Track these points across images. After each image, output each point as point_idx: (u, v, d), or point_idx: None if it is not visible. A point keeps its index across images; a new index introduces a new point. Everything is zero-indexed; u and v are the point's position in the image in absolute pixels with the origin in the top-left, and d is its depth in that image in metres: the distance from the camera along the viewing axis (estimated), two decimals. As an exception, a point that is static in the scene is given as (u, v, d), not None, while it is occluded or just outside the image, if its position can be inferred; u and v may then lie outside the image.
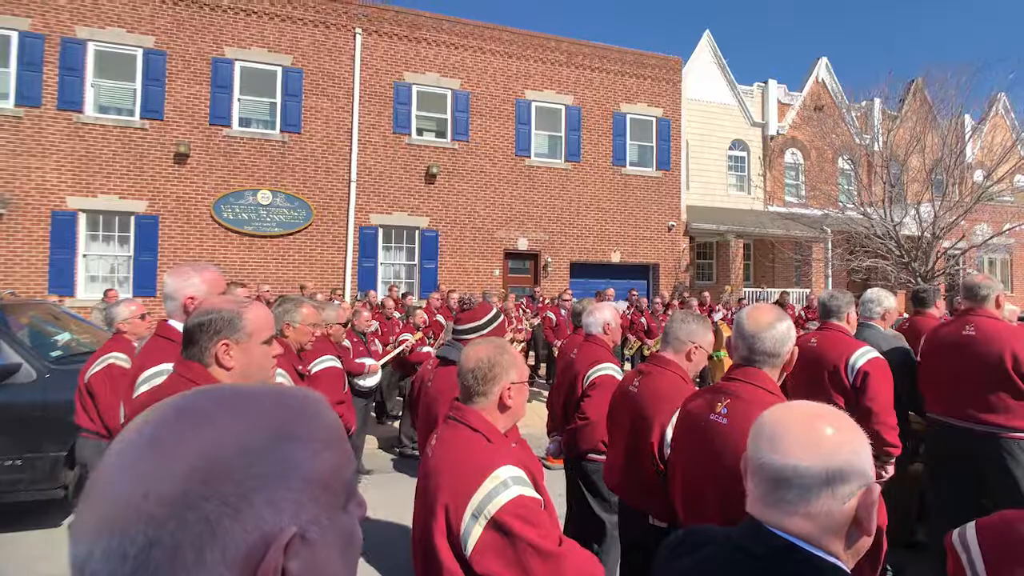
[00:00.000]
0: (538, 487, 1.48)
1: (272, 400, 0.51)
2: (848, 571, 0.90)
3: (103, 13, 10.82)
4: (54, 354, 4.65)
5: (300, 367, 3.15)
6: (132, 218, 10.91)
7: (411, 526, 1.63)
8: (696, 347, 2.39)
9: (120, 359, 3.45)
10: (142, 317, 3.73)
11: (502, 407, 1.58)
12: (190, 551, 0.42)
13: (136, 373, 1.92)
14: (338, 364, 3.99)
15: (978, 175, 14.28)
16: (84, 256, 10.75)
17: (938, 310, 4.13)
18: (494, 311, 2.74)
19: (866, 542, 0.92)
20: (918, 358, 3.46)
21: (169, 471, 0.43)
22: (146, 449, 0.45)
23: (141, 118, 11.00)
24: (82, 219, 10.68)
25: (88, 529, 0.43)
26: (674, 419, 2.06)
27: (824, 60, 17.68)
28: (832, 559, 0.89)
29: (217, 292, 2.13)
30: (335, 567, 0.49)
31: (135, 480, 0.43)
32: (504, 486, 1.37)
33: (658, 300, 10.25)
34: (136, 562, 0.41)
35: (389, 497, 4.66)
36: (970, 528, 1.16)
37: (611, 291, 9.42)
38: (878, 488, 0.91)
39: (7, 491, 4.12)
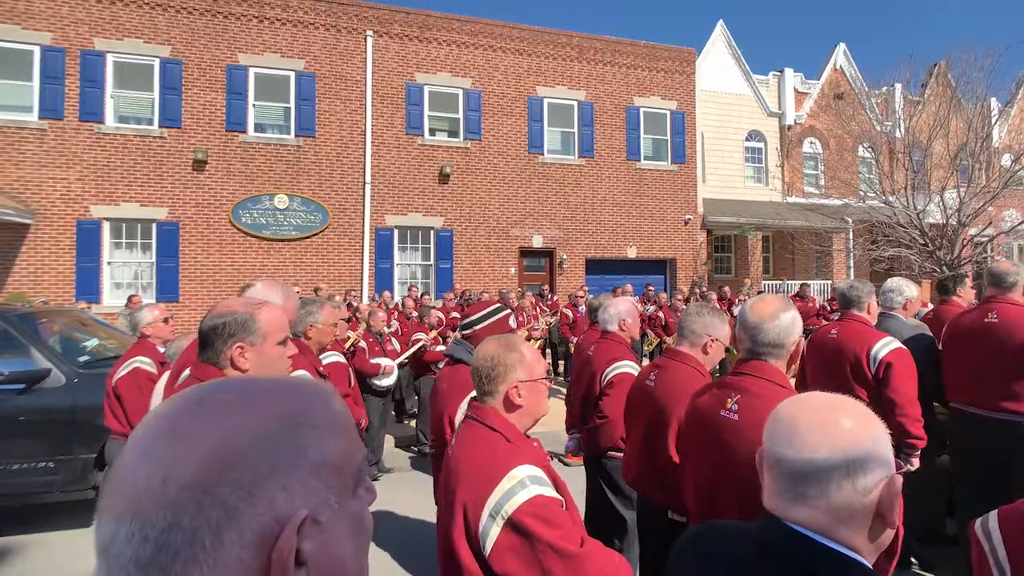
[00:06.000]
0: (557, 487, 1.45)
1: (283, 390, 0.54)
2: (870, 566, 0.88)
3: (120, 25, 11.04)
4: (82, 359, 4.77)
5: (320, 367, 3.20)
6: (154, 225, 11.14)
7: (431, 523, 1.64)
8: (712, 340, 2.36)
9: (145, 363, 3.52)
10: (165, 321, 3.81)
11: (510, 406, 1.56)
12: (208, 533, 0.44)
13: (178, 371, 2.00)
14: (342, 359, 4.09)
15: (1006, 159, 13.86)
16: (109, 263, 11.00)
17: (963, 298, 4.02)
18: (495, 306, 2.68)
19: (889, 535, 0.90)
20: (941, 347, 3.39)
21: (187, 458, 0.45)
22: (165, 438, 0.47)
23: (160, 127, 11.22)
24: (106, 227, 10.93)
25: (111, 513, 0.45)
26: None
27: (842, 46, 17.32)
28: (853, 554, 0.86)
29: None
30: (346, 548, 0.51)
31: (155, 466, 0.45)
32: (522, 485, 1.36)
33: (679, 296, 10.12)
34: (157, 544, 0.43)
35: (407, 495, 4.70)
36: (992, 516, 1.14)
37: (629, 287, 9.34)
38: (900, 479, 0.88)
39: (41, 492, 4.25)
